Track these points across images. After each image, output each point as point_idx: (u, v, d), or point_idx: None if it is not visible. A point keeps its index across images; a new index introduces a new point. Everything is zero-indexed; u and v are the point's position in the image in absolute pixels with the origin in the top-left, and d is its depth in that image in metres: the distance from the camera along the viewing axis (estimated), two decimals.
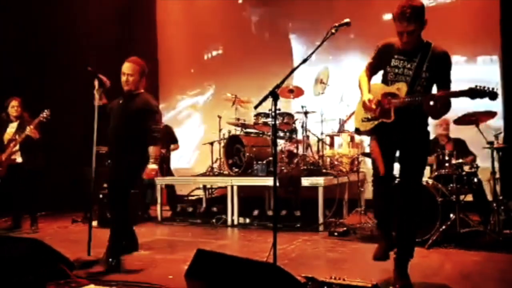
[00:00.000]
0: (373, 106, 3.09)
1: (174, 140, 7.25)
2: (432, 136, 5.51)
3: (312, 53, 3.07)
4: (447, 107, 2.99)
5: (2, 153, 5.57)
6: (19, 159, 5.57)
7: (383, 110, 3.08)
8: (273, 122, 3.51)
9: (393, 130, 3.09)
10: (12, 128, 5.64)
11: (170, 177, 7.04)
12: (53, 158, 7.10)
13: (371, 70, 3.28)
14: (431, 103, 2.96)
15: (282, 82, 3.05)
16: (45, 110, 5.43)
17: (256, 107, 3.12)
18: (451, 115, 5.09)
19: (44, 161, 5.73)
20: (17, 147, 5.52)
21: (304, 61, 3.05)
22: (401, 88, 3.03)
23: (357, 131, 3.34)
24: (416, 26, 2.90)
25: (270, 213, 6.07)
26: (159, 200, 6.54)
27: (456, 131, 5.48)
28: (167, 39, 9.27)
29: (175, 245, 4.78)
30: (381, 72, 3.26)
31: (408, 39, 2.95)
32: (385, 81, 3.18)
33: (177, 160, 7.96)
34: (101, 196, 6.15)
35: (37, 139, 5.48)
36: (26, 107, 5.74)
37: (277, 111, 6.21)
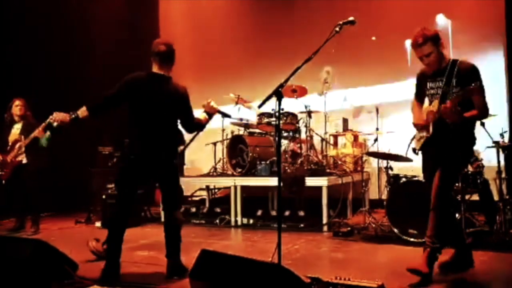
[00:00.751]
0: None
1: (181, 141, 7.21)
2: None
3: (316, 52, 3.04)
4: (456, 116, 3.20)
5: (6, 155, 5.56)
6: (24, 160, 5.56)
7: (425, 127, 3.46)
8: (276, 122, 3.49)
9: (433, 145, 3.43)
10: (16, 129, 5.64)
11: None
12: (57, 159, 7.12)
13: (417, 98, 3.61)
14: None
15: (286, 81, 3.03)
16: (54, 113, 5.42)
17: (260, 106, 3.10)
18: None
19: (48, 162, 5.72)
20: (23, 148, 5.51)
21: (308, 60, 3.03)
22: (435, 105, 3.34)
23: (414, 150, 3.73)
24: (430, 49, 3.28)
25: (273, 213, 6.05)
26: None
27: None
28: (169, 38, 9.26)
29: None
30: None
31: (428, 62, 3.34)
32: (428, 103, 3.50)
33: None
34: (104, 196, 6.14)
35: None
36: (30, 108, 5.75)
37: (281, 111, 6.24)
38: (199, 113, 3.80)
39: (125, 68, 7.48)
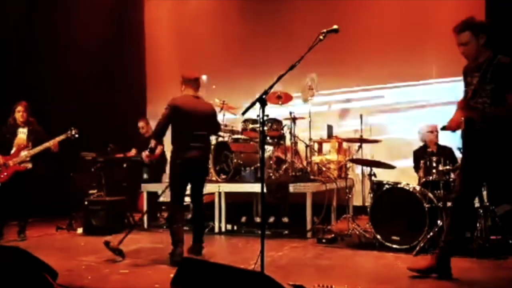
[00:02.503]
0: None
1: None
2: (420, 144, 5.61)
3: (300, 59, 3.06)
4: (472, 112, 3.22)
5: (8, 158, 5.48)
6: (29, 166, 5.53)
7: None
8: (261, 129, 3.50)
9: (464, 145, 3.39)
10: (23, 133, 5.58)
11: (156, 184, 6.94)
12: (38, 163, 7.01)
13: (464, 95, 3.44)
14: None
15: (270, 88, 3.04)
16: (73, 129, 5.61)
17: (243, 113, 3.11)
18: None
19: (48, 169, 5.77)
20: (26, 154, 5.49)
21: (292, 67, 3.04)
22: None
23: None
24: (467, 38, 3.19)
25: (258, 219, 6.04)
26: (145, 207, 6.46)
27: (442, 137, 5.52)
28: (155, 40, 9.23)
29: (161, 253, 4.70)
30: None
31: (463, 51, 3.26)
32: None
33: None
34: (86, 202, 6.05)
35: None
36: (31, 112, 5.73)
37: (265, 117, 6.25)
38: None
39: (110, 65, 7.55)
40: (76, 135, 5.63)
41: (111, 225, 5.93)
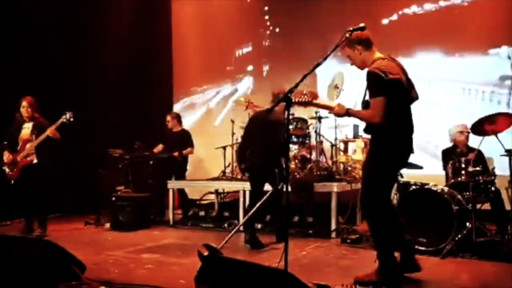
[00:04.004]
0: None
1: (190, 144, 7.23)
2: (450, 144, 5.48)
3: (326, 57, 3.04)
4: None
5: (16, 154, 5.50)
6: (35, 160, 5.48)
7: None
8: (288, 127, 3.49)
9: None
10: (27, 128, 5.56)
11: (182, 181, 7.02)
12: (68, 160, 7.19)
13: None
14: None
15: (296, 86, 3.03)
16: (67, 112, 5.42)
17: (269, 111, 3.10)
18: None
19: (60, 162, 5.69)
20: (30, 148, 5.44)
21: (318, 65, 3.03)
22: None
23: None
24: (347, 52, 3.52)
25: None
26: (171, 204, 6.55)
27: (472, 139, 5.40)
28: (181, 39, 9.34)
29: (186, 249, 4.76)
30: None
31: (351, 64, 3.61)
32: None
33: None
34: (114, 198, 6.17)
35: (55, 140, 5.43)
36: (38, 107, 5.63)
37: (291, 116, 6.24)
38: None
39: (138, 64, 7.63)
40: (71, 119, 5.41)
41: (138, 221, 6.05)
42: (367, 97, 3.38)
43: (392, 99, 3.22)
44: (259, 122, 5.04)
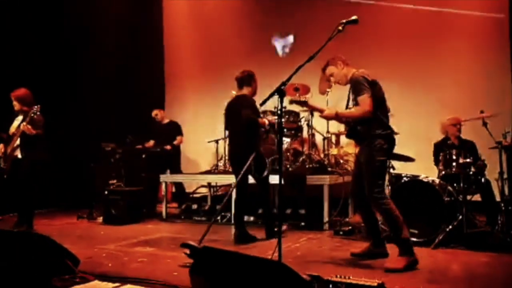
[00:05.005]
0: None
1: (178, 133, 7.23)
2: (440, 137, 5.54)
3: (319, 50, 3.05)
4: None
5: (8, 147, 5.42)
6: (19, 155, 5.37)
7: None
8: (278, 120, 3.50)
9: None
10: (17, 121, 5.47)
11: (174, 175, 7.01)
12: (60, 155, 7.15)
13: None
14: None
15: (288, 79, 3.04)
16: (35, 106, 5.24)
17: (262, 104, 3.11)
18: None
19: (46, 158, 5.46)
20: (18, 142, 5.33)
21: (310, 58, 3.03)
22: None
23: None
24: (330, 71, 3.98)
25: (275, 211, 6.04)
26: (164, 198, 6.54)
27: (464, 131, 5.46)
28: (173, 36, 9.29)
29: (179, 242, 4.75)
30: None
31: (334, 82, 4.04)
32: None
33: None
34: (106, 192, 6.16)
35: (38, 135, 5.26)
36: (30, 100, 5.42)
37: (283, 110, 6.24)
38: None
39: (129, 63, 7.60)
40: (38, 112, 5.21)
41: (130, 214, 6.05)
42: (350, 104, 3.76)
43: (375, 98, 3.57)
44: (228, 108, 4.99)
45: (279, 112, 3.10)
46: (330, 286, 2.54)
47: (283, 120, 6.14)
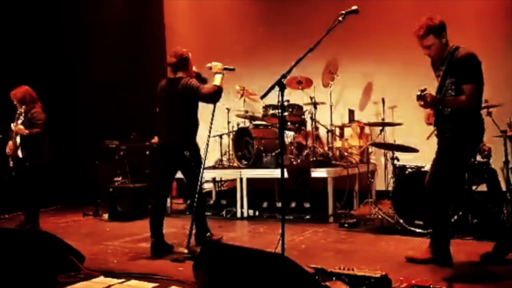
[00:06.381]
0: None
1: None
2: None
3: (318, 42, 3.02)
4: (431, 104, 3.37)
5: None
6: (20, 154, 5.35)
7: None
8: (282, 113, 3.48)
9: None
10: (17, 119, 5.39)
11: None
12: (64, 152, 7.19)
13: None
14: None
15: (289, 72, 3.02)
16: (24, 106, 5.24)
17: (262, 97, 3.09)
18: None
19: (45, 156, 5.46)
20: (18, 141, 5.33)
21: (310, 50, 3.01)
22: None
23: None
24: (431, 41, 3.31)
25: (279, 205, 6.05)
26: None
27: None
28: (174, 30, 9.26)
29: (184, 238, 4.78)
30: None
31: (428, 53, 3.39)
32: None
33: None
34: (111, 189, 6.18)
35: (36, 134, 5.25)
36: (29, 99, 5.38)
37: (286, 103, 6.22)
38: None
39: (132, 59, 7.58)
40: (22, 113, 5.20)
41: (135, 211, 6.07)
42: (448, 81, 3.33)
43: (481, 85, 3.26)
44: (161, 91, 4.30)
45: (280, 104, 3.08)
46: (334, 278, 2.54)
47: (286, 113, 6.15)
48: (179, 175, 4.33)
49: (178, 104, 4.08)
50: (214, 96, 4.06)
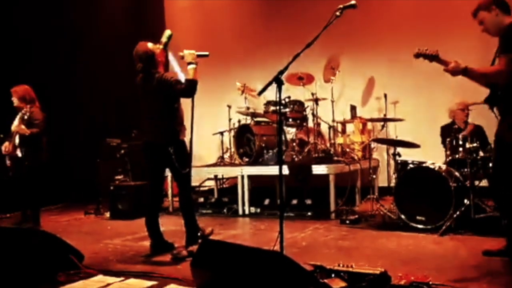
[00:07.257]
0: None
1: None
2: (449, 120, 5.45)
3: (316, 37, 2.98)
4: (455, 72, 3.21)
5: (10, 144, 5.39)
6: (19, 153, 5.33)
7: None
8: (281, 109, 3.45)
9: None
10: (16, 119, 5.38)
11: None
12: (65, 151, 7.18)
13: None
14: None
15: (286, 68, 2.99)
16: (28, 106, 5.23)
17: (260, 94, 3.07)
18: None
19: (45, 156, 5.45)
20: (17, 141, 5.31)
21: (308, 45, 2.97)
22: None
23: None
24: (481, 17, 3.24)
25: (279, 202, 6.02)
26: (169, 191, 6.55)
27: (472, 116, 5.37)
28: (175, 28, 9.21)
29: (185, 236, 4.76)
30: None
31: (482, 29, 3.28)
32: None
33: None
34: (112, 188, 6.17)
35: (36, 133, 5.24)
36: (29, 98, 5.38)
37: (287, 99, 6.18)
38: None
39: (133, 62, 7.49)
40: (28, 113, 5.18)
41: (137, 209, 6.05)
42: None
43: None
44: (137, 88, 4.22)
45: (282, 102, 3.05)
46: (333, 275, 2.52)
47: (287, 110, 6.12)
48: None
49: (154, 101, 3.99)
50: (189, 90, 3.89)
